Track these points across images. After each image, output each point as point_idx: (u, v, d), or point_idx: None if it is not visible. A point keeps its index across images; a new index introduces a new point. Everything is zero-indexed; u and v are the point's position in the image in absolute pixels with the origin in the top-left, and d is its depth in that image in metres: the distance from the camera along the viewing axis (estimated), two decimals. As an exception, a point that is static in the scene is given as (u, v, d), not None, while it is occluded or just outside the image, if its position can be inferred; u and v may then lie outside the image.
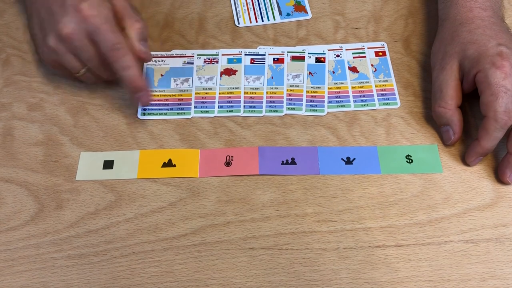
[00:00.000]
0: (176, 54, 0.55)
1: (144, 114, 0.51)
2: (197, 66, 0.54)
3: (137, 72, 0.46)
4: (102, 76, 0.50)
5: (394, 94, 0.52)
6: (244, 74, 0.54)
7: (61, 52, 0.47)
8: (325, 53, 0.55)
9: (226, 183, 0.47)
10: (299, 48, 0.56)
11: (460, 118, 0.47)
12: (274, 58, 0.55)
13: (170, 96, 0.52)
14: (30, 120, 0.51)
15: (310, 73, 0.54)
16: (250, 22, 0.59)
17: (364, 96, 0.52)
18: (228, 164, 0.48)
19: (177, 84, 0.53)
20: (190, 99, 0.52)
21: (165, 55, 0.55)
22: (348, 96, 0.52)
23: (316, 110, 0.51)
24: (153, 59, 0.55)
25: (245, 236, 0.44)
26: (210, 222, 0.45)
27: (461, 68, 0.47)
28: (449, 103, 0.47)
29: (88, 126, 0.50)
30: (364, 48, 0.56)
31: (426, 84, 0.53)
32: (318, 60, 0.55)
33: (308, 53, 0.55)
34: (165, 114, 0.51)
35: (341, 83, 0.53)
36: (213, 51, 0.55)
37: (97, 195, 0.46)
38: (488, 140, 0.45)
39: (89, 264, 0.43)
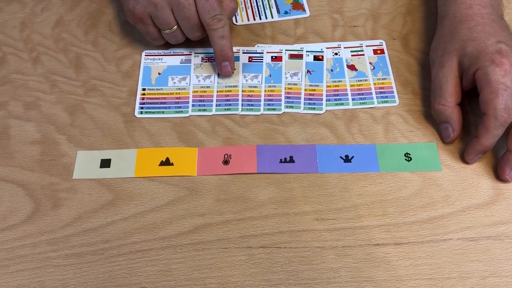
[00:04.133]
0: (173, 53, 0.55)
1: (141, 113, 0.51)
2: (194, 64, 0.54)
3: (230, 43, 0.50)
4: (188, 37, 0.52)
5: (392, 92, 0.52)
6: (242, 72, 0.53)
7: (161, 6, 0.48)
8: (323, 51, 0.55)
9: (224, 181, 0.47)
10: (297, 46, 0.56)
11: (460, 116, 0.47)
12: (272, 56, 0.55)
13: (167, 94, 0.52)
14: (27, 118, 0.51)
15: (308, 71, 0.53)
16: (248, 20, 0.58)
17: (362, 94, 0.52)
18: (226, 162, 0.47)
19: (174, 83, 0.53)
20: (188, 98, 0.52)
21: (163, 53, 0.55)
22: (347, 94, 0.52)
23: (314, 108, 0.51)
24: (151, 57, 0.55)
25: (243, 235, 0.44)
26: (208, 220, 0.44)
27: (461, 65, 0.47)
28: (449, 100, 0.47)
29: (85, 124, 0.50)
30: (362, 46, 0.56)
31: (425, 82, 0.52)
32: (316, 58, 0.54)
33: (306, 51, 0.55)
34: (163, 112, 0.51)
35: (339, 81, 0.53)
36: (211, 49, 0.55)
37: (94, 194, 0.46)
38: (488, 138, 0.44)
39: (86, 263, 0.42)
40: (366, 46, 0.56)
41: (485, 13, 0.48)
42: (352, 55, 0.55)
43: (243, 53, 0.55)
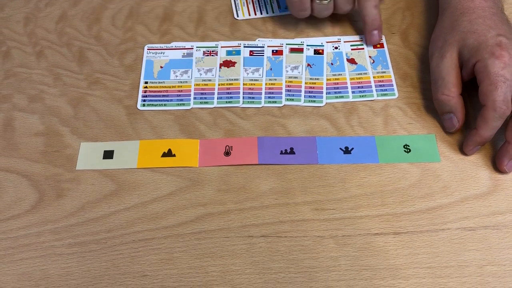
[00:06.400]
0: (175, 47, 0.56)
1: (143, 105, 0.51)
2: (196, 58, 0.55)
3: (380, 12, 0.54)
4: (338, 10, 0.54)
5: (392, 85, 0.53)
6: (243, 66, 0.54)
7: None
8: (323, 45, 0.56)
9: (225, 172, 0.47)
10: (297, 40, 0.56)
11: (463, 106, 0.47)
12: (273, 50, 0.55)
13: (169, 87, 0.53)
14: (31, 111, 0.51)
15: (308, 64, 0.54)
16: (249, 15, 0.59)
17: (362, 87, 0.52)
18: (227, 154, 0.48)
19: (176, 76, 0.53)
20: (190, 90, 0.52)
21: (165, 47, 0.56)
22: (347, 87, 0.52)
23: (314, 101, 0.52)
24: (153, 51, 0.55)
25: (244, 224, 0.44)
26: (209, 210, 0.45)
27: (460, 57, 0.47)
28: (452, 91, 0.47)
29: (88, 116, 0.51)
30: (362, 41, 0.56)
31: (424, 75, 0.53)
32: (316, 52, 0.55)
33: (307, 45, 0.56)
34: (165, 105, 0.51)
35: (339, 75, 0.53)
36: (212, 43, 0.56)
37: (97, 184, 0.46)
38: (487, 130, 0.45)
39: (89, 252, 0.43)
40: (366, 40, 0.56)
41: (486, 6, 0.49)
42: (352, 49, 0.55)
43: (244, 47, 0.56)
